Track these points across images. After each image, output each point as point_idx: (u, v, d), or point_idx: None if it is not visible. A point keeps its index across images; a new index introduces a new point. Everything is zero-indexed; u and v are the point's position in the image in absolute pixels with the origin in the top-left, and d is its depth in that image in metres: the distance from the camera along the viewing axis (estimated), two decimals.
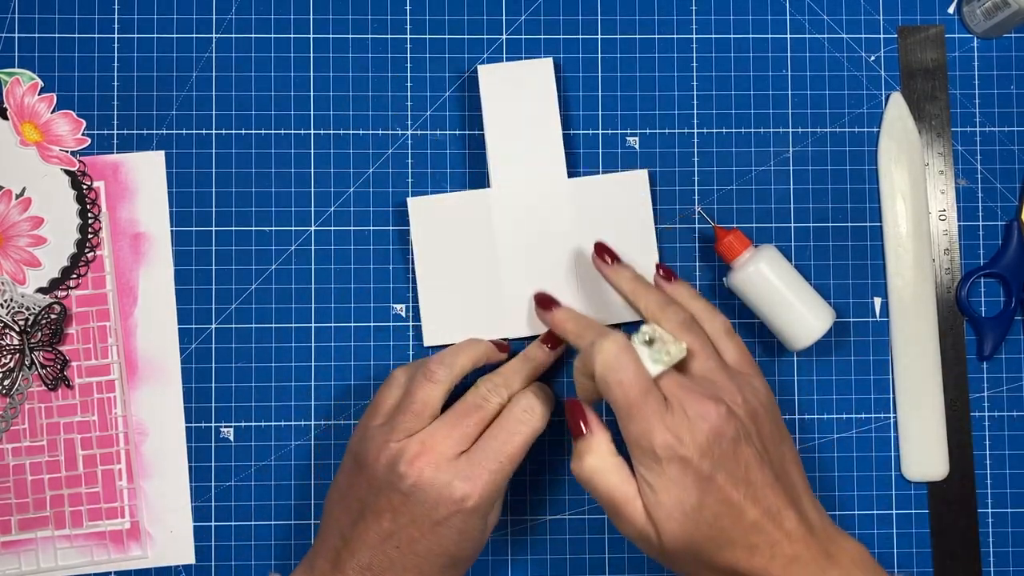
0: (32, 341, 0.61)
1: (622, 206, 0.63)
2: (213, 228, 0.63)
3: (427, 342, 0.63)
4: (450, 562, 0.55)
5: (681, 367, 0.54)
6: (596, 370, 0.52)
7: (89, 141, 0.63)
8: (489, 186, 0.63)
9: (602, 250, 0.59)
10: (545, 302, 0.58)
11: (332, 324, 0.63)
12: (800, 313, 0.59)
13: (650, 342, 0.53)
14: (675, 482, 0.50)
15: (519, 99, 0.63)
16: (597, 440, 0.53)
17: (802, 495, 0.53)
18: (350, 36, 0.64)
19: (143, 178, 0.63)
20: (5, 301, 0.62)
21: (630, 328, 0.59)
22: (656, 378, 0.52)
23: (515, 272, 0.63)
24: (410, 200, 0.63)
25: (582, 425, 0.53)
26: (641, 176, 0.63)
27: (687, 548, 0.50)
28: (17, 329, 0.61)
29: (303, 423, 0.63)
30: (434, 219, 0.62)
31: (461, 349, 0.59)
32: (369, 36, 0.64)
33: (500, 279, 0.63)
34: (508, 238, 0.63)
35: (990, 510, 0.63)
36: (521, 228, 0.63)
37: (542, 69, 0.63)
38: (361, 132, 0.64)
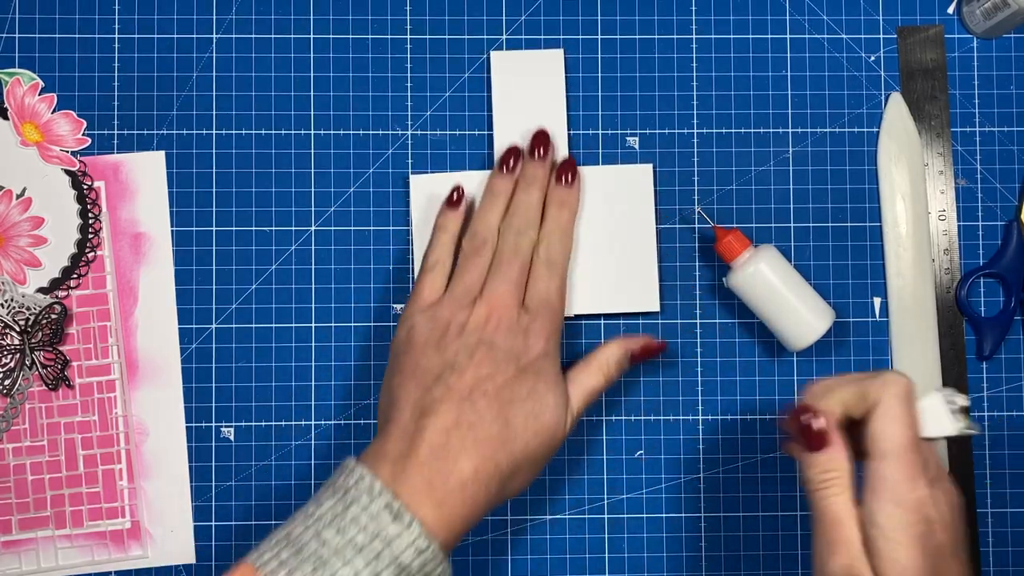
0: (33, 341, 0.61)
1: (624, 198, 0.63)
2: (213, 228, 0.63)
3: None
4: (534, 411, 0.55)
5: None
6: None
7: (89, 141, 0.63)
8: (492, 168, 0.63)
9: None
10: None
11: (332, 324, 0.63)
12: (800, 313, 0.59)
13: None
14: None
15: (529, 86, 0.63)
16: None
17: None
18: (350, 36, 0.64)
19: (143, 178, 0.63)
20: (6, 301, 0.62)
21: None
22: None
23: None
24: (412, 177, 0.63)
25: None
26: (646, 170, 0.63)
27: None
28: (18, 329, 0.61)
29: (303, 423, 0.63)
30: (435, 198, 0.62)
31: (448, 221, 0.61)
32: (369, 36, 0.64)
33: None
34: None
35: (990, 510, 0.63)
36: None
37: (553, 59, 0.63)
38: (361, 132, 0.64)
